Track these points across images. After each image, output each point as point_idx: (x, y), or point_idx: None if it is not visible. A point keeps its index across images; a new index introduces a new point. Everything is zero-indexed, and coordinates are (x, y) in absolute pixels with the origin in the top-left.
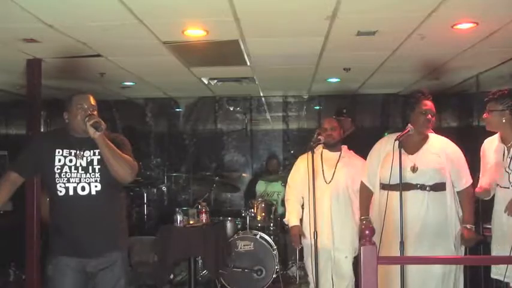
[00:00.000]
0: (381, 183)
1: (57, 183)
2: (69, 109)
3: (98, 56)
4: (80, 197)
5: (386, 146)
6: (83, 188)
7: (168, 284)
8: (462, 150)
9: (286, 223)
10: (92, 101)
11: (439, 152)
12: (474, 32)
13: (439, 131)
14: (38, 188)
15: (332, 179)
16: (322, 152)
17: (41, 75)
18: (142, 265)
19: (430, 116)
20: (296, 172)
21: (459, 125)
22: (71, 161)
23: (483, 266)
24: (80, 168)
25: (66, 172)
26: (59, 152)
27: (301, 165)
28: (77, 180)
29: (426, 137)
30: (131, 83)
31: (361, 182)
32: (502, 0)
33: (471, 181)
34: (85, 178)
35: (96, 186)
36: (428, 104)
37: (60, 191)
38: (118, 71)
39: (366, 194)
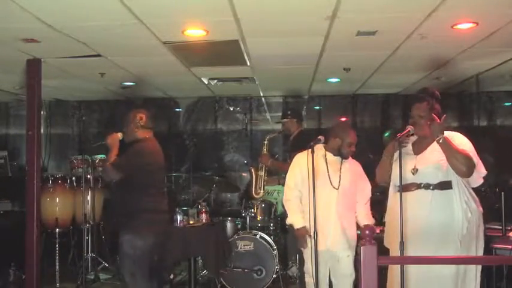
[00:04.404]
0: (394, 186)
1: None
2: None
3: (98, 56)
4: (111, 186)
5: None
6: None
7: (168, 284)
8: None
9: (289, 224)
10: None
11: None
12: (474, 32)
13: None
14: (37, 188)
15: (339, 184)
16: (326, 153)
17: (41, 75)
18: None
19: (416, 119)
20: (297, 172)
21: (459, 125)
22: None
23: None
24: None
25: None
26: None
27: (302, 164)
28: None
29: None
30: (131, 83)
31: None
32: (502, 0)
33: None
34: None
35: (114, 179)
36: (417, 107)
37: None
38: (118, 71)
39: None
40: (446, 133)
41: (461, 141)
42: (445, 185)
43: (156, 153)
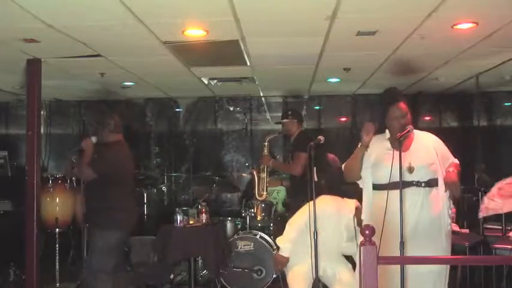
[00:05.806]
0: (374, 184)
1: None
2: None
3: (98, 56)
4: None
5: (376, 146)
6: None
7: (168, 284)
8: (462, 150)
9: (278, 245)
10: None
11: (428, 148)
12: (474, 32)
13: (439, 131)
14: (38, 188)
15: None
16: (354, 221)
17: (40, 75)
18: (143, 265)
19: (398, 118)
20: (306, 219)
21: (459, 125)
22: None
23: (483, 266)
24: None
25: None
26: None
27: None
28: None
29: (411, 135)
30: (131, 83)
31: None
32: (502, 0)
33: (457, 161)
34: None
35: (88, 179)
36: (398, 106)
37: None
38: (118, 71)
39: None
40: (425, 138)
41: (442, 150)
42: (433, 183)
43: (128, 158)
